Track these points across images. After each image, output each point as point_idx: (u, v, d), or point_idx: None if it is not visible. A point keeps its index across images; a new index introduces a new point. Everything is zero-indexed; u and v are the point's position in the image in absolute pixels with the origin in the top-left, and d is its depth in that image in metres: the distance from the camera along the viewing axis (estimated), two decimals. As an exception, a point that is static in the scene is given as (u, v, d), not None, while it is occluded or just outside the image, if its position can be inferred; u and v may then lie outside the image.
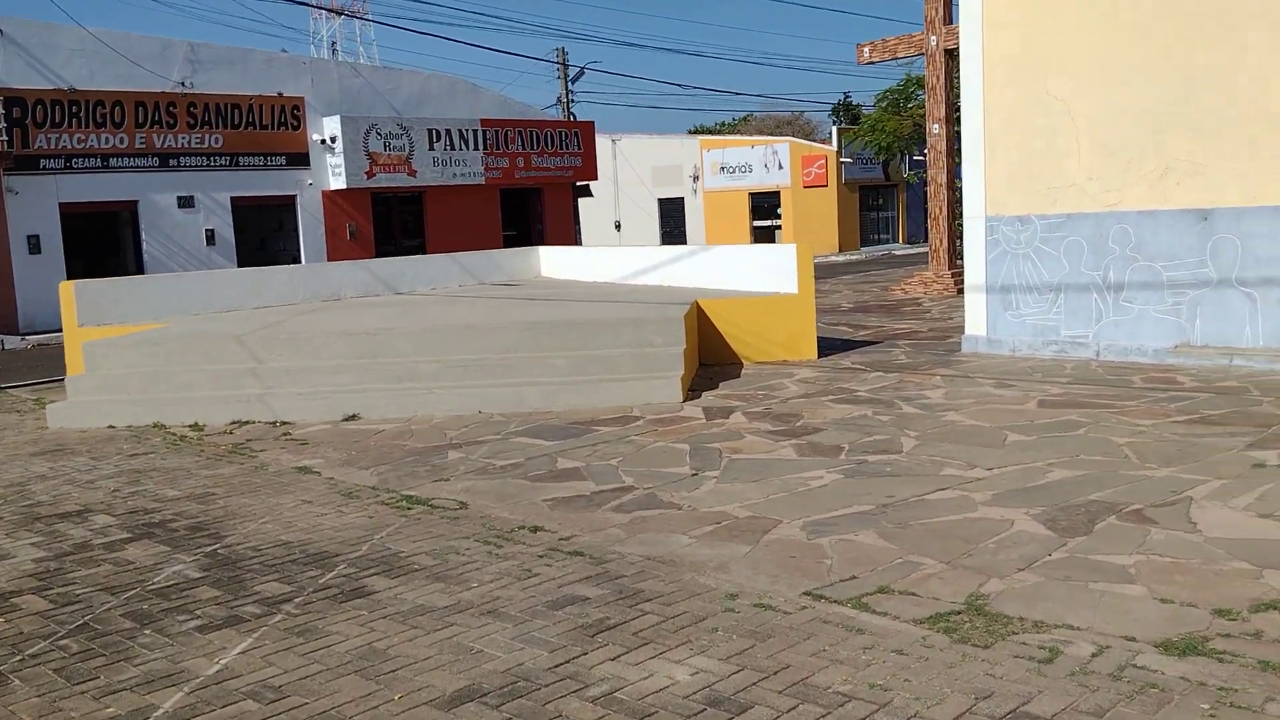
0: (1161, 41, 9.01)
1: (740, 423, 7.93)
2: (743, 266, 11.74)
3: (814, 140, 43.75)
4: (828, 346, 11.48)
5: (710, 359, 10.75)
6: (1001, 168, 10.17)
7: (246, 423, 8.95)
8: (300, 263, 20.91)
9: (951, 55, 17.53)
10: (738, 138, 44.63)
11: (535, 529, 5.55)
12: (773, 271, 11.16)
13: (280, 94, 21.57)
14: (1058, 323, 9.96)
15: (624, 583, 4.64)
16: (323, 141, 21.87)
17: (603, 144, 37.07)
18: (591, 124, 25.37)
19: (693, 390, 9.32)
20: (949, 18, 17.36)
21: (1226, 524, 5.00)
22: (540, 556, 5.07)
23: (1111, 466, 6.12)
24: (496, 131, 23.28)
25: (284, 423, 8.91)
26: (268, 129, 21.46)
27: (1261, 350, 8.71)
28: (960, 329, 12.37)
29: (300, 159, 21.82)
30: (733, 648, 3.88)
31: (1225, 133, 8.73)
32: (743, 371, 10.32)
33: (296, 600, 4.64)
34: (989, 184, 10.29)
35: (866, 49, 18.69)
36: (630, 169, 42.11)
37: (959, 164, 22.86)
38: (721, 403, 8.76)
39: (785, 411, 8.24)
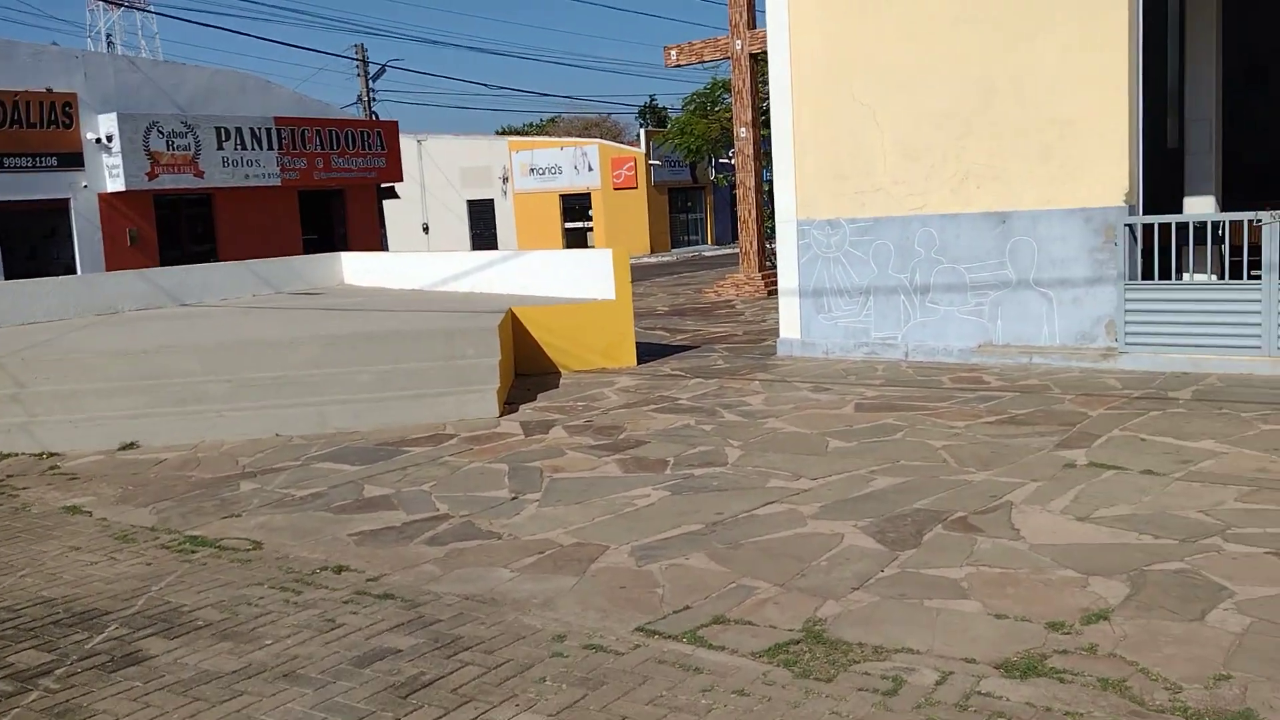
0: (961, 50, 9.24)
1: (561, 437, 7.60)
2: (559, 272, 11.42)
3: (622, 142, 43.93)
4: (647, 352, 11.30)
5: (527, 368, 10.37)
6: (811, 171, 10.24)
7: (7, 455, 7.98)
8: (75, 273, 19.22)
9: (757, 59, 17.79)
10: (547, 139, 44.32)
11: (340, 569, 5.05)
12: (589, 277, 10.88)
13: (49, 90, 19.76)
14: (868, 325, 10.10)
15: (440, 629, 4.22)
16: (98, 141, 20.18)
17: (408, 144, 36.02)
18: (395, 124, 24.47)
19: (510, 403, 8.93)
20: (753, 22, 17.57)
21: (1048, 529, 5.03)
22: (345, 602, 4.58)
23: (931, 472, 6.12)
24: (292, 130, 22.10)
25: (52, 454, 7.99)
26: (36, 127, 19.61)
27: (1058, 348, 9.05)
28: (774, 331, 12.44)
29: (74, 159, 20.06)
30: (562, 700, 3.54)
31: (1021, 139, 9.03)
32: (561, 381, 9.99)
33: (57, 672, 4.01)
34: (800, 187, 10.34)
35: (674, 52, 18.72)
36: (437, 170, 41.13)
37: (766, 167, 23.29)
38: (541, 416, 8.41)
39: (607, 423, 7.97)
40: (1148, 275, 8.69)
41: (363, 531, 5.67)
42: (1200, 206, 10.50)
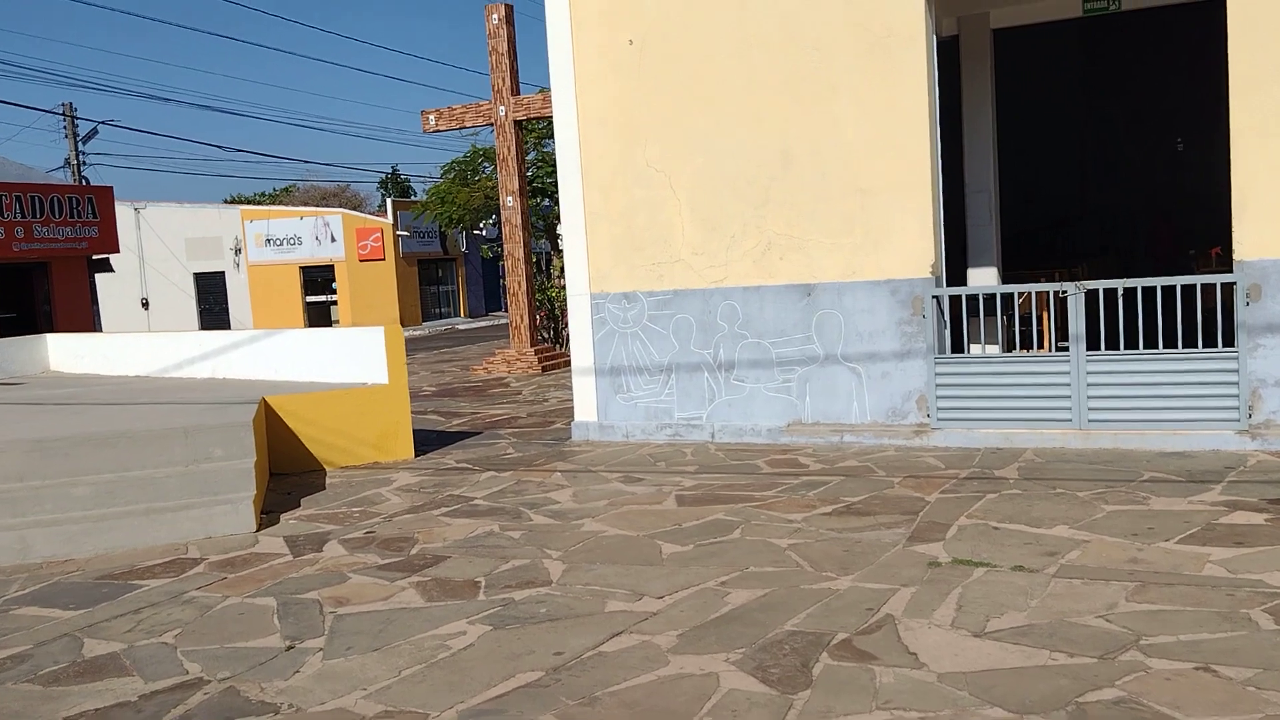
0: (757, 114, 8.82)
1: (339, 556, 6.32)
2: (320, 353, 10.04)
3: (364, 213, 42.17)
4: (423, 441, 10.08)
5: (285, 466, 8.92)
6: (605, 242, 9.50)
7: None
8: None
9: (521, 126, 17.07)
10: (285, 208, 41.85)
11: (52, 786, 3.62)
12: (357, 358, 9.59)
13: None
14: (671, 404, 9.39)
15: None
16: None
17: (124, 212, 32.87)
18: (109, 189, 21.94)
19: (268, 513, 7.50)
20: (516, 88, 16.88)
21: (948, 650, 4.33)
22: (62, 847, 3.20)
23: (789, 580, 5.35)
24: (-13, 195, 19.26)
25: None
26: None
27: (869, 425, 8.65)
28: (559, 412, 11.55)
29: None
30: None
31: (823, 208, 8.66)
32: (328, 480, 8.62)
33: None
34: (593, 259, 9.56)
35: (432, 116, 17.71)
36: (159, 241, 37.79)
37: (536, 238, 22.57)
38: (310, 528, 7.06)
39: (394, 534, 6.74)
40: (957, 348, 8.47)
41: (84, 713, 4.22)
42: (984, 277, 10.57)
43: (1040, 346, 9.94)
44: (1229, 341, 7.62)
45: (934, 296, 8.39)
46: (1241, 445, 7.42)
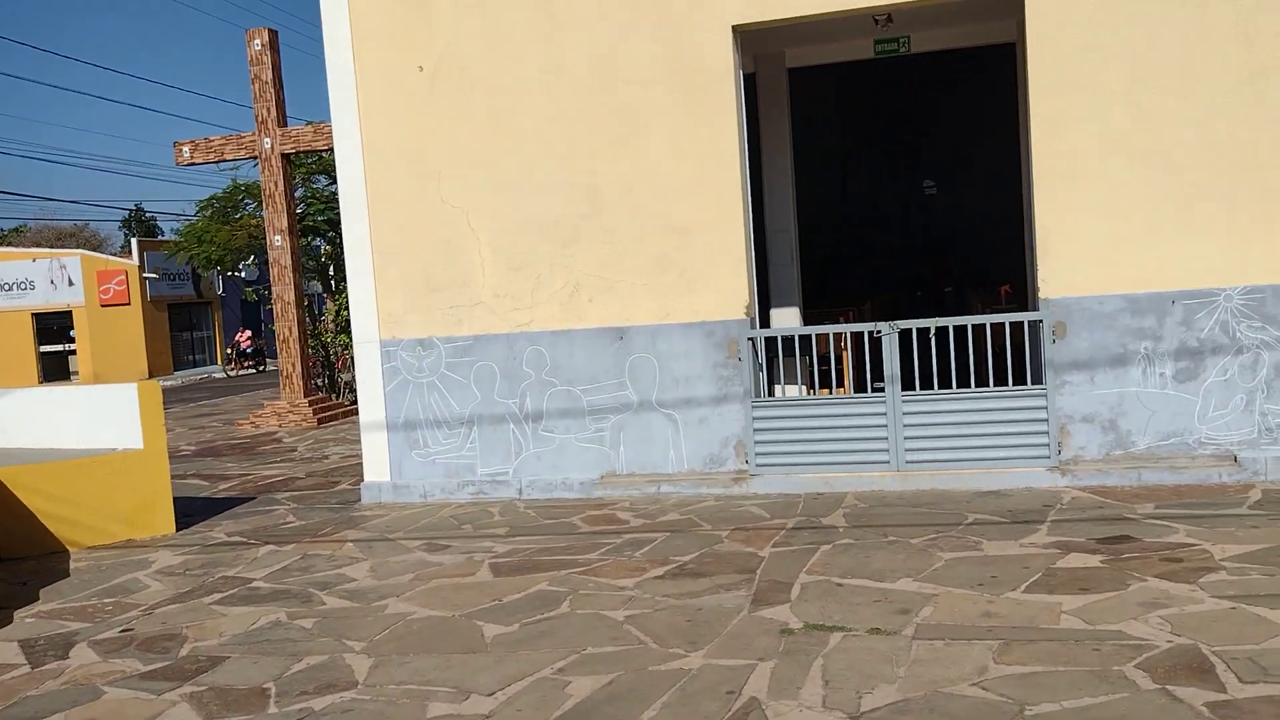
0: (564, 149, 8.32)
1: (90, 664, 5.24)
2: (61, 415, 8.68)
3: (104, 254, 38.81)
4: (186, 511, 8.87)
5: (18, 550, 7.58)
6: (397, 284, 8.70)
7: None
8: None
9: (290, 160, 15.91)
10: (14, 250, 37.91)
11: None
12: (105, 420, 8.33)
13: None
14: (473, 460, 8.66)
15: None
16: None
17: None
18: None
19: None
20: (283, 119, 15.71)
21: (830, 738, 3.88)
22: None
23: (633, 660, 4.78)
24: None
25: None
26: None
27: (687, 475, 8.24)
28: (344, 470, 10.57)
29: None
30: None
31: (635, 247, 8.23)
32: (73, 565, 7.36)
33: None
34: (383, 303, 8.73)
35: (186, 149, 16.22)
36: None
37: (307, 279, 21.13)
38: (51, 628, 5.89)
39: (157, 631, 5.70)
40: (769, 391, 8.21)
41: None
42: (787, 318, 10.46)
43: (840, 386, 9.89)
44: (1038, 379, 7.71)
45: (749, 338, 8.11)
46: (1053, 482, 7.48)
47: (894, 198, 19.40)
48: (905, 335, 7.89)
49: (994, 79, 14.81)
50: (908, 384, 7.89)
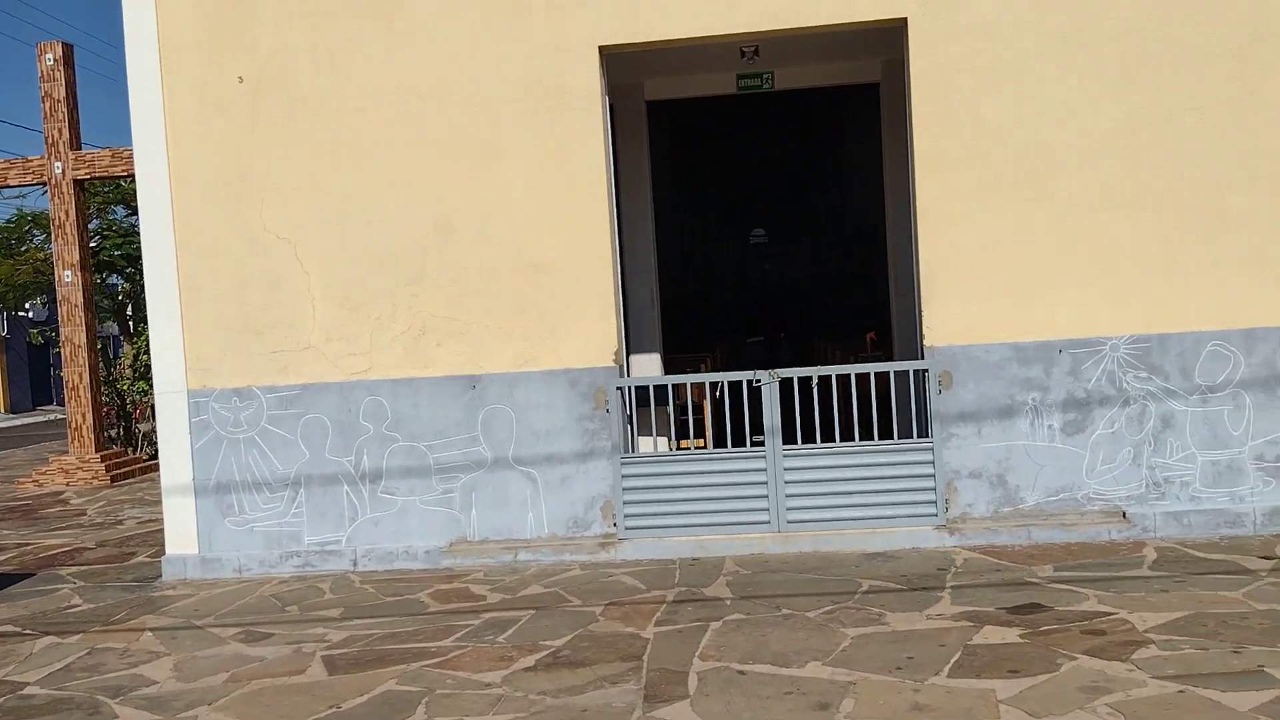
0: (408, 178, 7.42)
1: None
2: None
3: None
4: (-59, 596, 7.38)
5: None
6: (209, 326, 7.54)
7: None
8: None
9: (83, 187, 14.27)
10: None
11: None
12: None
13: None
14: (299, 527, 7.55)
15: None
16: None
17: None
18: None
19: None
20: (77, 142, 14.07)
21: None
22: None
23: (515, 786, 3.91)
24: None
25: None
26: None
27: (548, 540, 7.39)
28: (142, 539, 9.22)
29: None
30: None
31: (490, 286, 7.39)
32: None
33: None
34: (191, 347, 7.56)
35: (-38, 172, 14.31)
36: None
37: (101, 319, 19.12)
38: None
39: (-115, 771, 4.42)
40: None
41: None
42: (650, 365, 9.79)
43: (701, 437, 9.27)
44: (922, 432, 7.27)
45: (619, 388, 7.37)
46: (941, 541, 7.02)
47: (734, 243, 19.21)
48: (786, 386, 7.32)
49: (855, 122, 14.74)
50: (786, 437, 7.32)
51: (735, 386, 7.45)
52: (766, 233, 19.00)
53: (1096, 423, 7.01)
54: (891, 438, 7.26)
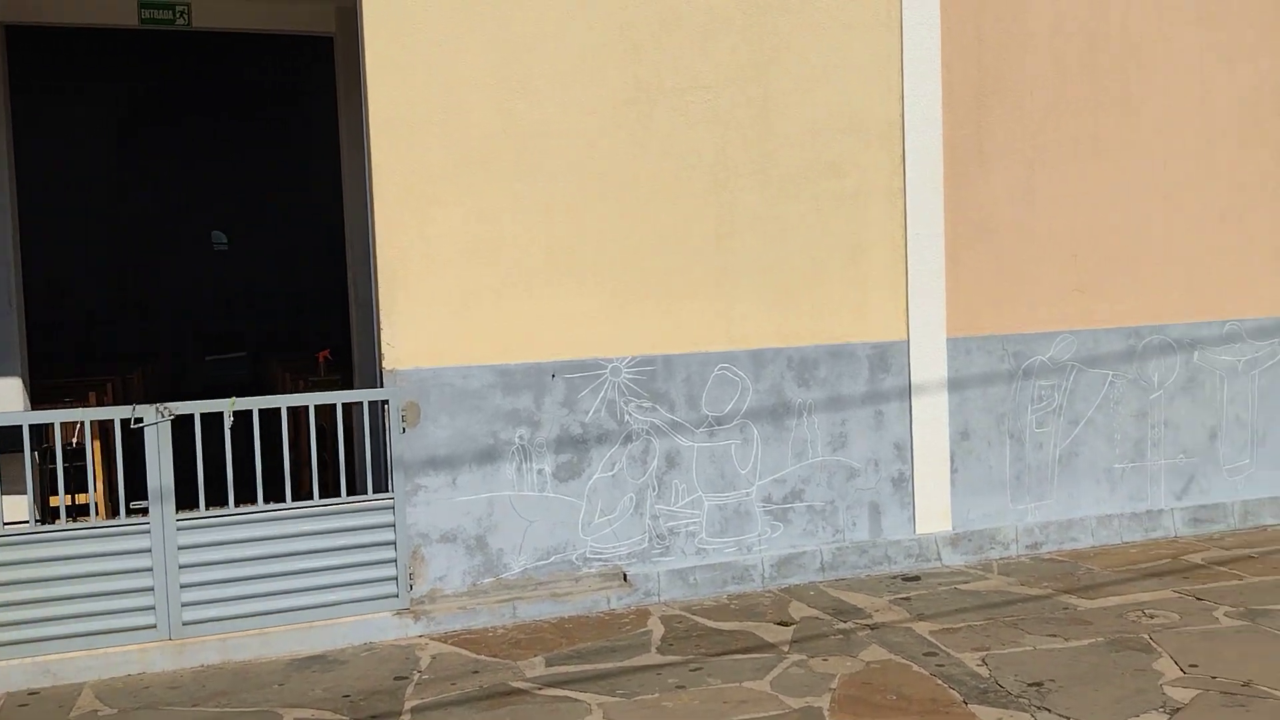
0: None
1: None
2: None
3: None
4: None
5: None
6: None
7: None
8: None
9: None
10: None
11: None
12: None
13: None
14: None
15: None
16: None
17: None
18: None
19: None
20: None
21: None
22: None
23: None
24: None
25: None
26: None
27: None
28: None
29: None
30: None
31: None
32: None
33: None
34: None
35: None
36: None
37: None
38: None
39: None
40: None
41: None
42: (6, 391, 6.92)
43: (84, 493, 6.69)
44: (382, 485, 5.43)
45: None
46: (404, 630, 5.25)
47: (181, 240, 16.24)
48: (186, 424, 5.10)
49: (311, 84, 12.70)
50: (189, 500, 5.11)
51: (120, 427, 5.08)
52: (217, 218, 16.24)
53: (595, 464, 5.66)
54: (349, 494, 5.37)
